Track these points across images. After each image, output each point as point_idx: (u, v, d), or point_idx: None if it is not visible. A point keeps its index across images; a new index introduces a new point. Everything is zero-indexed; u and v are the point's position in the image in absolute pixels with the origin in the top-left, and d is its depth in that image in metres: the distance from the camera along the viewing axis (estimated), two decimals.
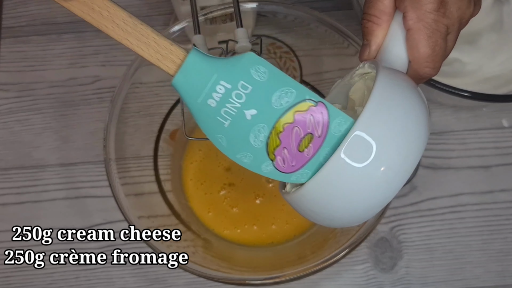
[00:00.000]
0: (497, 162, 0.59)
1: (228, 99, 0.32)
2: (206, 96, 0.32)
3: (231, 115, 0.32)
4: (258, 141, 0.33)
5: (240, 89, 0.32)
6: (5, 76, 0.63)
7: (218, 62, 0.32)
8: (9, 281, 0.57)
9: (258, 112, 0.32)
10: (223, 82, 0.32)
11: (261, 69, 0.32)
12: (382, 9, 0.37)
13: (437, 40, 0.36)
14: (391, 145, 0.33)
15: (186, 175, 0.58)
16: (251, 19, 0.58)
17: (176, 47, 0.31)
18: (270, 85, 0.32)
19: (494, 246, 0.57)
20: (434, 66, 0.37)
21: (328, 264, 0.45)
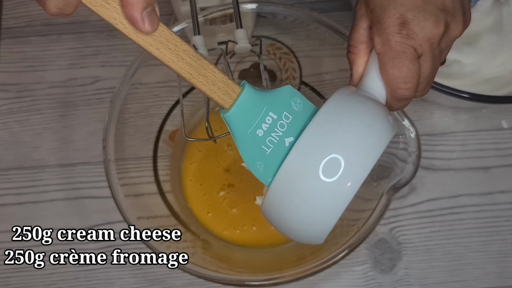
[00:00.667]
0: (496, 164, 0.59)
1: (274, 128, 0.35)
2: (256, 127, 0.34)
3: (274, 143, 0.35)
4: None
5: (283, 119, 0.35)
6: (5, 77, 0.63)
7: (266, 94, 0.34)
8: (9, 281, 0.57)
9: (294, 139, 0.35)
10: (271, 114, 0.35)
11: (297, 101, 0.36)
12: (358, 38, 0.39)
13: (403, 61, 0.37)
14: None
15: (186, 176, 0.58)
16: (251, 20, 0.58)
17: (232, 82, 0.33)
18: (303, 115, 0.36)
19: (494, 247, 0.57)
20: (407, 86, 0.37)
21: (328, 265, 0.45)
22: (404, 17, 0.36)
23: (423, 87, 0.39)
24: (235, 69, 0.60)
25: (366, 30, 0.39)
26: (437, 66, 0.39)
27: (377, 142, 0.35)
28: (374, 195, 0.45)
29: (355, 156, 0.34)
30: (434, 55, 0.38)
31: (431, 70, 0.38)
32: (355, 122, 0.35)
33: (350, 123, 0.35)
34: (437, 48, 0.38)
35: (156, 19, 0.29)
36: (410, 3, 0.37)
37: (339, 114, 0.35)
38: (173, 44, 0.30)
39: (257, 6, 0.52)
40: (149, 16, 0.28)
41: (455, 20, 0.38)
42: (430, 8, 0.37)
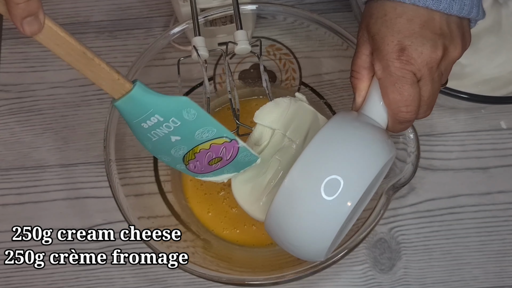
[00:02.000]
0: (495, 164, 0.59)
1: (159, 126, 0.40)
2: (140, 121, 0.39)
3: (159, 136, 0.41)
4: (177, 154, 0.43)
5: (170, 122, 0.40)
6: (6, 77, 0.64)
7: (157, 99, 0.38)
8: (9, 281, 0.57)
9: (182, 138, 0.41)
10: (157, 115, 0.39)
11: (191, 111, 0.40)
12: (360, 64, 0.41)
13: (403, 86, 0.38)
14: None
15: (186, 176, 0.58)
16: (251, 21, 0.58)
17: (123, 80, 0.37)
18: (197, 124, 0.40)
19: (492, 247, 0.57)
20: (408, 110, 0.39)
21: (327, 265, 0.45)
22: (402, 44, 0.38)
23: (424, 109, 0.40)
24: (235, 70, 0.60)
25: (368, 56, 0.40)
26: (437, 89, 0.40)
27: (372, 165, 0.38)
28: (374, 195, 0.45)
29: (352, 176, 0.37)
30: (433, 78, 0.39)
31: (431, 93, 0.40)
32: (352, 146, 0.38)
33: (347, 147, 0.38)
34: (436, 72, 0.39)
35: (37, 25, 0.33)
36: (407, 29, 0.38)
37: (337, 137, 0.38)
38: (61, 42, 0.34)
39: (257, 7, 0.52)
40: (28, 24, 0.32)
41: (453, 44, 0.39)
42: (427, 34, 0.38)
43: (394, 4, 0.38)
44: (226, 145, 0.43)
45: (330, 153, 0.37)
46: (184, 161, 0.44)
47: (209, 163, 0.44)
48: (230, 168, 0.46)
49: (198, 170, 0.45)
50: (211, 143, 0.42)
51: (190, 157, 0.43)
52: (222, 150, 0.43)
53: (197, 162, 0.44)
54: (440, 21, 0.38)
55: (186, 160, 0.44)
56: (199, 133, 0.41)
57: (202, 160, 0.44)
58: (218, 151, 0.43)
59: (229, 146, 0.43)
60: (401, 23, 0.38)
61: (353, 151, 0.38)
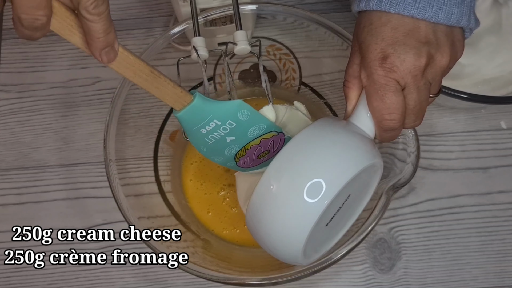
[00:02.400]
0: (495, 164, 0.59)
1: (217, 130, 0.42)
2: (200, 127, 0.41)
3: (216, 139, 0.43)
4: (230, 153, 0.45)
5: (227, 125, 0.42)
6: (6, 77, 0.64)
7: (215, 105, 0.41)
8: (9, 281, 0.57)
9: (236, 138, 0.43)
10: (215, 120, 0.41)
11: (245, 112, 0.42)
12: (351, 73, 0.41)
13: (386, 93, 0.38)
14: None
15: (186, 176, 0.58)
16: (251, 21, 0.58)
17: (184, 93, 0.39)
18: (249, 122, 0.43)
19: (492, 247, 0.57)
20: (391, 117, 0.39)
21: (327, 265, 0.45)
22: (385, 52, 0.38)
23: (412, 119, 0.40)
24: (235, 70, 0.60)
25: (358, 65, 0.41)
26: (425, 98, 0.40)
27: (347, 169, 0.38)
28: (374, 195, 0.45)
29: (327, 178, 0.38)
30: (419, 87, 0.39)
31: (418, 102, 0.39)
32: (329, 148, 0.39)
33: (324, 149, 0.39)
34: (421, 80, 0.39)
35: (113, 54, 0.34)
36: (390, 38, 0.38)
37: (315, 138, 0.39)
38: (131, 65, 0.36)
39: (257, 7, 0.52)
40: (106, 54, 0.34)
41: (439, 51, 0.38)
42: (411, 42, 0.38)
43: (380, 13, 0.39)
44: (274, 138, 0.45)
45: (307, 154, 0.38)
46: (235, 159, 0.46)
47: (257, 157, 0.46)
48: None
49: (247, 165, 0.47)
50: (261, 138, 0.44)
51: (241, 154, 0.45)
52: (270, 143, 0.45)
53: (247, 158, 0.46)
54: (426, 30, 0.38)
55: (237, 158, 0.45)
56: (251, 131, 0.43)
57: (252, 156, 0.46)
58: (267, 144, 0.45)
59: (276, 138, 0.45)
60: (385, 32, 0.38)
61: (329, 153, 0.39)
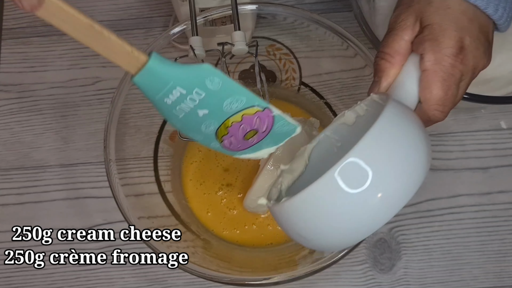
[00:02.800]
0: (495, 164, 0.59)
1: (183, 100, 0.36)
2: (162, 96, 0.36)
3: (185, 111, 0.37)
4: (208, 130, 0.39)
5: (194, 94, 0.36)
6: (6, 77, 0.64)
7: (176, 69, 0.35)
8: (9, 281, 0.57)
9: (210, 112, 0.37)
10: (178, 88, 0.35)
11: (215, 80, 0.36)
12: (397, 49, 0.38)
13: (451, 84, 0.36)
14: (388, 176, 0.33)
15: (186, 176, 0.58)
16: (251, 21, 0.58)
17: (138, 53, 0.34)
18: (223, 93, 0.36)
19: (492, 247, 0.57)
20: (443, 110, 0.37)
21: (327, 265, 0.45)
22: (462, 42, 0.36)
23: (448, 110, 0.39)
24: (235, 70, 0.60)
25: (407, 42, 0.38)
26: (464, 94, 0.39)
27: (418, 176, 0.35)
28: None
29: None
30: (467, 84, 0.38)
31: (461, 97, 0.38)
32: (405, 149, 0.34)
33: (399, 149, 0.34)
34: (472, 78, 0.38)
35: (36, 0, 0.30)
36: (468, 29, 0.37)
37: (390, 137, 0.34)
38: (66, 17, 0.32)
39: (257, 7, 0.52)
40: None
41: (490, 54, 0.39)
42: (482, 38, 0.37)
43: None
44: (260, 115, 0.39)
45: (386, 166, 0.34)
46: (217, 138, 0.40)
47: (244, 138, 0.40)
48: (268, 141, 0.41)
49: (235, 147, 0.41)
50: (243, 114, 0.38)
51: (222, 132, 0.39)
52: (256, 121, 0.39)
53: (231, 138, 0.40)
54: (490, 30, 0.38)
55: (219, 137, 0.40)
56: (227, 104, 0.37)
57: (236, 135, 0.40)
58: (251, 122, 0.39)
59: (263, 115, 0.39)
60: (463, 21, 0.37)
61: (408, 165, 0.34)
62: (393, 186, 0.34)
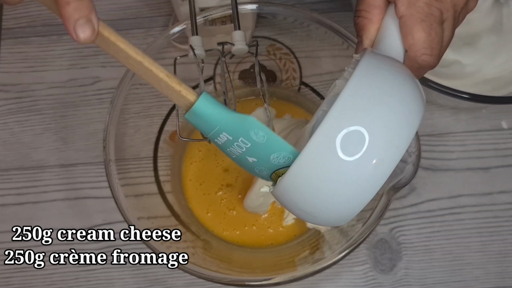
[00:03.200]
0: (496, 164, 0.59)
1: (231, 145, 0.36)
2: (212, 136, 0.36)
3: (235, 154, 0.37)
4: (262, 174, 0.38)
5: (240, 142, 0.35)
6: (5, 77, 0.64)
7: (223, 115, 0.35)
8: (9, 282, 0.57)
9: (258, 160, 0.36)
10: (225, 133, 0.35)
11: (260, 133, 0.35)
12: (371, 3, 0.37)
13: (432, 23, 0.35)
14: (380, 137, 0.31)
15: (186, 176, 0.58)
16: (251, 21, 0.58)
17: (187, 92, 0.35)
18: (268, 147, 0.35)
19: (493, 247, 0.57)
20: (432, 53, 0.35)
21: (328, 265, 0.45)
22: None
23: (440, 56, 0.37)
24: (235, 69, 0.60)
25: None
26: (452, 37, 0.37)
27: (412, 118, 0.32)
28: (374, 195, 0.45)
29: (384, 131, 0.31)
30: (454, 24, 0.36)
31: (449, 39, 0.36)
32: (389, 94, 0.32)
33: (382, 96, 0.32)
34: (458, 17, 0.36)
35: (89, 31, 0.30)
36: None
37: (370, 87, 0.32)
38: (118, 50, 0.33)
39: (257, 7, 0.52)
40: (81, 28, 0.30)
41: None
42: None
43: None
44: None
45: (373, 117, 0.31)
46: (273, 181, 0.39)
47: None
48: None
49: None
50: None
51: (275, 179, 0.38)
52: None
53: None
54: None
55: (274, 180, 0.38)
56: (274, 157, 0.36)
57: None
58: None
59: None
60: None
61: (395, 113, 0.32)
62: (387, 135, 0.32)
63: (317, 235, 0.54)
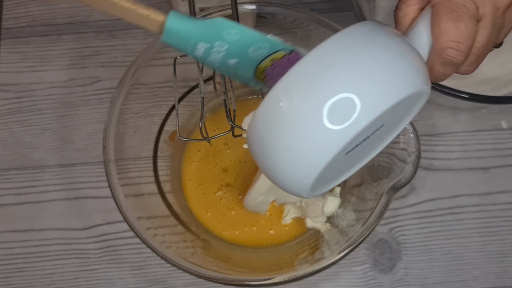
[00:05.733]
0: (496, 164, 0.59)
1: (210, 53, 0.37)
2: (191, 51, 0.37)
3: (217, 62, 0.38)
4: (247, 74, 0.40)
5: (217, 47, 0.37)
6: (5, 77, 0.64)
7: (193, 26, 0.36)
8: (8, 282, 0.57)
9: (239, 60, 0.38)
10: (201, 43, 0.37)
11: (232, 31, 0.37)
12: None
13: (461, 15, 0.32)
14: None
15: (185, 176, 0.58)
16: (251, 21, 0.58)
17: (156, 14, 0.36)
18: (244, 43, 0.37)
19: (493, 247, 0.57)
20: (458, 47, 0.33)
21: (327, 265, 0.45)
22: None
23: (472, 59, 0.35)
24: None
25: None
26: (493, 40, 0.34)
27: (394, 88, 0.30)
28: (374, 195, 0.45)
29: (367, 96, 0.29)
30: (495, 24, 0.33)
31: (486, 41, 0.34)
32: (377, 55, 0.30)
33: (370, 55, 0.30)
34: (500, 17, 0.34)
35: None
36: None
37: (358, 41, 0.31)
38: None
39: (257, 7, 0.52)
40: None
41: None
42: None
43: None
44: (289, 58, 0.39)
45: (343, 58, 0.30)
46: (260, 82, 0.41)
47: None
48: None
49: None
50: (271, 58, 0.39)
51: (261, 76, 0.40)
52: (285, 64, 0.39)
53: (271, 81, 0.40)
54: None
55: (261, 80, 0.41)
56: (252, 51, 0.38)
57: (275, 77, 0.39)
58: (282, 65, 0.39)
59: (292, 58, 0.39)
60: None
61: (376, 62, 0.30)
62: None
63: (317, 235, 0.54)
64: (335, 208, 0.52)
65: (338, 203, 0.52)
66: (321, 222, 0.53)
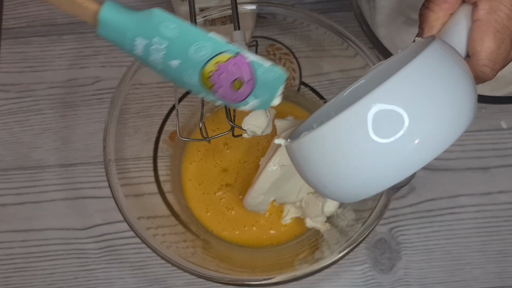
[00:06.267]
0: (495, 164, 0.59)
1: (149, 51, 0.34)
2: (129, 47, 0.34)
3: (158, 63, 0.34)
4: (193, 81, 0.35)
5: (156, 44, 0.33)
6: (5, 77, 0.64)
7: (129, 18, 0.33)
8: (8, 282, 0.57)
9: (182, 62, 0.34)
10: (138, 39, 0.33)
11: (170, 25, 0.33)
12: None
13: (505, 38, 0.33)
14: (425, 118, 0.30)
15: (185, 176, 0.58)
16: (251, 21, 0.58)
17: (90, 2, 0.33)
18: (184, 40, 0.33)
19: (493, 247, 0.57)
20: (493, 67, 0.34)
21: (327, 265, 0.45)
22: None
23: (498, 69, 0.35)
24: None
25: None
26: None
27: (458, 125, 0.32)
28: (374, 195, 0.45)
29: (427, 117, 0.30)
30: None
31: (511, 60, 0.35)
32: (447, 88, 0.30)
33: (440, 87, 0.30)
34: None
35: None
36: None
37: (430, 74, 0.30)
38: None
39: (257, 7, 0.52)
40: None
41: None
42: None
43: None
44: (235, 62, 0.35)
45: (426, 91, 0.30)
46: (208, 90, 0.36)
47: (233, 88, 0.36)
48: (261, 91, 0.37)
49: (231, 98, 0.37)
50: (216, 62, 0.35)
51: (207, 83, 0.36)
52: (232, 69, 0.35)
53: (220, 89, 0.36)
54: None
55: (209, 88, 0.36)
56: (193, 52, 0.34)
57: (223, 85, 0.36)
58: (228, 70, 0.35)
59: (238, 62, 0.35)
60: None
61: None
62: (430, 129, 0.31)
63: (317, 235, 0.54)
64: (334, 208, 0.52)
65: (337, 203, 0.52)
66: (321, 222, 0.53)
